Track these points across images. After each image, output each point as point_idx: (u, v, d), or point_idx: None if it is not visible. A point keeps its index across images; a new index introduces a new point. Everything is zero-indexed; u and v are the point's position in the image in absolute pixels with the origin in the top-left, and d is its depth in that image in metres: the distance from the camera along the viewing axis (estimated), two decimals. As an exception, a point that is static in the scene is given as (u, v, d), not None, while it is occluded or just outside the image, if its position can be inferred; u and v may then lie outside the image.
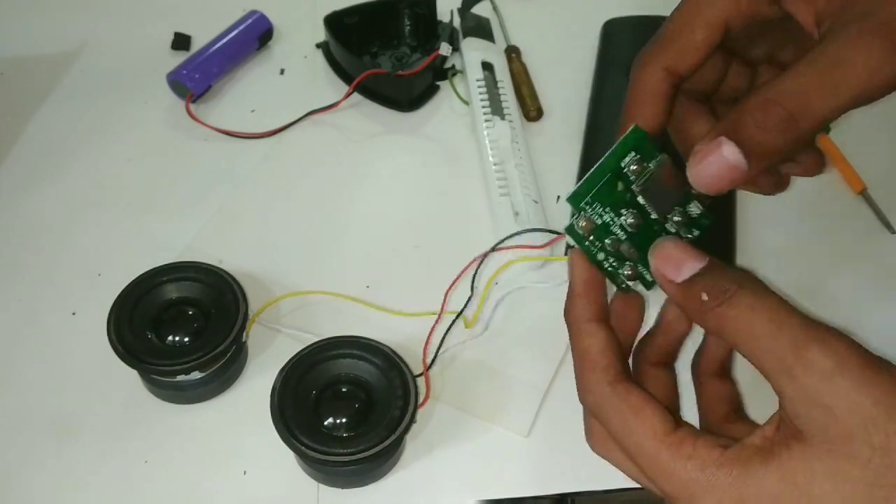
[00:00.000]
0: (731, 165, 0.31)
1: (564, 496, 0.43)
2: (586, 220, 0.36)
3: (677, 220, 0.36)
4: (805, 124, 0.30)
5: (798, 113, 0.30)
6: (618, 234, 0.36)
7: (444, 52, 0.60)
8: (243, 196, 0.55)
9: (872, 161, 0.56)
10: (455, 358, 0.47)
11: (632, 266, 0.36)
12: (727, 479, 0.28)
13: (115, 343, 0.43)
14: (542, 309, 0.49)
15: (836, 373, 0.26)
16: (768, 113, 0.31)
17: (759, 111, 0.31)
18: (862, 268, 0.51)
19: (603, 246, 0.36)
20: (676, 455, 0.29)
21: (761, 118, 0.31)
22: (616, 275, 0.37)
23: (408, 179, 0.57)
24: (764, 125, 0.31)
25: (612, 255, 0.36)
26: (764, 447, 0.28)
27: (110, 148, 0.58)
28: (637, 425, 0.30)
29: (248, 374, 0.47)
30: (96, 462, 0.44)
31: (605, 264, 0.36)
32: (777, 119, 0.31)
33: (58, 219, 0.54)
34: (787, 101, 0.30)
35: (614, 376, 0.32)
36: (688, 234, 0.37)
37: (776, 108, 0.30)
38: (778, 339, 0.27)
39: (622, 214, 0.36)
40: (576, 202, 0.36)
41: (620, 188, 0.36)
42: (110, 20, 0.67)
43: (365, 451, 0.39)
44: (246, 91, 0.62)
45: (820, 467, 0.27)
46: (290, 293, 0.49)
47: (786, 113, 0.30)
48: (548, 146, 0.58)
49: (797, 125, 0.30)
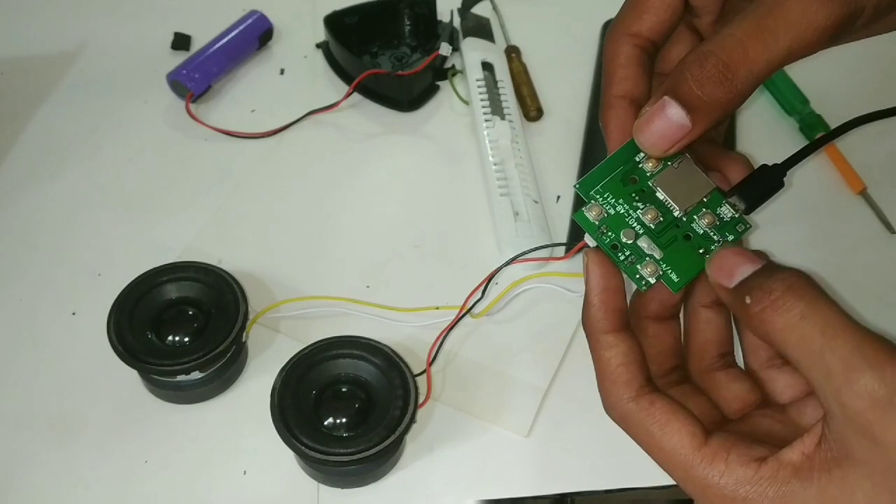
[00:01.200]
0: (676, 124, 0.31)
1: (564, 496, 0.43)
2: (597, 208, 0.35)
3: (706, 221, 0.36)
4: (742, 73, 0.30)
5: (734, 63, 0.30)
6: (634, 227, 0.35)
7: (444, 52, 0.60)
8: (243, 196, 0.55)
9: (872, 161, 0.56)
10: (455, 358, 0.47)
11: (653, 262, 0.35)
12: (763, 501, 0.27)
13: (116, 343, 0.43)
14: (542, 309, 0.49)
15: (890, 405, 0.25)
16: (705, 65, 0.30)
17: (696, 65, 0.31)
18: (862, 268, 0.51)
19: (617, 237, 0.35)
20: (708, 471, 0.28)
21: (698, 72, 0.31)
22: (634, 270, 0.35)
23: (408, 179, 0.57)
24: (701, 78, 0.31)
25: (628, 249, 0.35)
26: (803, 467, 0.27)
27: (110, 148, 0.58)
28: (665, 440, 0.29)
29: (249, 374, 0.47)
30: (96, 462, 0.44)
31: (621, 256, 0.35)
32: (713, 70, 0.30)
33: (58, 219, 0.54)
34: (723, 51, 0.30)
35: (637, 390, 0.30)
36: (721, 236, 0.36)
37: (712, 59, 0.30)
38: (828, 355, 0.25)
39: (638, 208, 0.35)
40: (585, 189, 0.35)
41: (636, 181, 0.36)
42: (110, 20, 0.67)
43: (365, 451, 0.39)
44: (246, 91, 0.62)
45: (861, 498, 0.25)
46: (291, 299, 0.49)
47: (721, 63, 0.30)
48: (548, 146, 0.58)
49: (734, 75, 0.30)
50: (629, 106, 0.36)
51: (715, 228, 0.36)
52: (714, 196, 0.36)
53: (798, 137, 0.58)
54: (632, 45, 0.36)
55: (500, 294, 0.49)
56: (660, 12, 0.36)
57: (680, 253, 0.36)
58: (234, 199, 0.55)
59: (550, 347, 0.47)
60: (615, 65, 0.36)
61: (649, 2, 0.36)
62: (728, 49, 0.30)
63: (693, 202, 0.36)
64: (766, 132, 0.58)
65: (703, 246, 0.36)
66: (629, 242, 0.35)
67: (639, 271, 0.35)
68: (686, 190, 0.35)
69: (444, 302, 0.49)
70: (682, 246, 0.36)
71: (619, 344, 0.31)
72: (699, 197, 0.36)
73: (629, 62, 0.36)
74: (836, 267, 0.51)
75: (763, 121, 0.59)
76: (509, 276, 0.50)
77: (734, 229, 0.36)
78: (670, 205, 0.36)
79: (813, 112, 0.58)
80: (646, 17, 0.36)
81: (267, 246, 0.53)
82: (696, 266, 0.36)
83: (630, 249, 0.35)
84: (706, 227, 0.36)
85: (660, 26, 0.36)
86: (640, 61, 0.36)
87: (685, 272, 0.36)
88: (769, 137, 0.58)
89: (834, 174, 0.55)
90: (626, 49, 0.36)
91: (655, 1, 0.36)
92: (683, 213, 0.36)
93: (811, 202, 0.54)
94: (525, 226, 0.51)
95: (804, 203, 0.54)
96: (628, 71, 0.36)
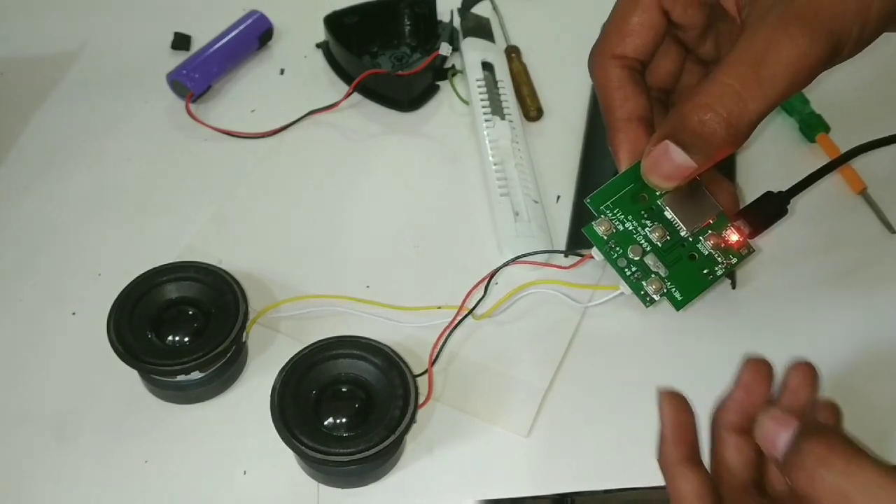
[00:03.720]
0: (682, 165, 0.33)
1: (564, 496, 0.43)
2: (606, 223, 0.36)
3: (711, 243, 0.36)
4: (744, 124, 0.32)
5: (734, 117, 0.31)
6: (641, 244, 0.36)
7: (444, 51, 0.60)
8: (243, 196, 0.55)
9: (873, 161, 0.55)
10: (455, 358, 0.47)
11: (658, 279, 0.36)
12: None
13: (115, 343, 0.43)
14: (542, 310, 0.49)
15: None
16: (704, 119, 0.32)
17: (696, 116, 0.32)
18: (862, 268, 0.51)
19: (624, 252, 0.36)
20: None
21: (697, 124, 0.32)
22: (639, 286, 0.36)
23: (408, 179, 0.57)
24: (702, 132, 0.32)
25: (634, 265, 0.36)
26: None
27: (110, 148, 0.58)
28: None
29: (249, 373, 0.47)
30: (96, 462, 0.44)
31: (627, 272, 0.36)
32: (714, 124, 0.32)
33: (58, 219, 0.54)
34: (722, 106, 0.31)
35: None
36: (725, 260, 0.36)
37: (711, 115, 0.31)
38: None
39: (646, 226, 0.36)
40: (595, 204, 0.36)
41: (645, 199, 0.36)
42: (110, 20, 0.67)
43: (365, 451, 0.39)
44: (246, 91, 0.62)
45: None
46: (291, 298, 0.49)
47: (722, 119, 0.31)
48: (548, 146, 0.58)
49: (736, 125, 0.32)
50: (636, 126, 0.36)
51: (720, 250, 0.36)
52: (720, 219, 0.36)
53: (798, 137, 0.58)
54: (620, 67, 0.37)
55: (502, 298, 0.49)
56: (642, 34, 0.36)
57: (685, 272, 0.36)
58: (235, 199, 0.55)
59: (550, 348, 0.47)
60: (610, 88, 0.37)
61: (630, 25, 0.36)
62: (727, 104, 0.31)
63: (700, 224, 0.36)
64: (767, 132, 0.58)
65: (708, 267, 0.37)
66: (636, 259, 0.36)
67: (644, 287, 0.36)
68: (693, 211, 0.36)
69: (444, 302, 0.49)
70: (687, 265, 0.37)
71: (694, 477, 0.32)
72: (706, 219, 0.36)
73: (623, 83, 0.37)
74: (837, 267, 0.51)
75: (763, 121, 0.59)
76: (511, 281, 0.50)
77: (738, 252, 0.36)
78: (678, 224, 0.36)
79: (813, 112, 0.58)
80: (629, 39, 0.36)
81: (267, 246, 0.53)
82: (700, 286, 0.37)
83: (637, 266, 0.36)
84: (711, 248, 0.36)
85: (644, 47, 0.37)
86: (633, 79, 0.37)
87: (689, 291, 0.37)
88: (769, 137, 0.58)
89: (834, 174, 0.55)
90: (615, 71, 0.37)
91: (637, 24, 0.36)
92: (690, 234, 0.36)
93: (812, 202, 0.54)
94: (525, 226, 0.51)
95: (805, 203, 0.54)
96: (626, 91, 0.37)
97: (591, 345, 0.48)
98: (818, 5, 0.31)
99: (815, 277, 0.51)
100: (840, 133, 0.57)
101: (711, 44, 0.38)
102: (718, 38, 0.38)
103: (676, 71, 0.39)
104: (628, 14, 0.36)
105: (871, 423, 0.45)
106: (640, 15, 0.36)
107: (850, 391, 0.46)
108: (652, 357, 0.47)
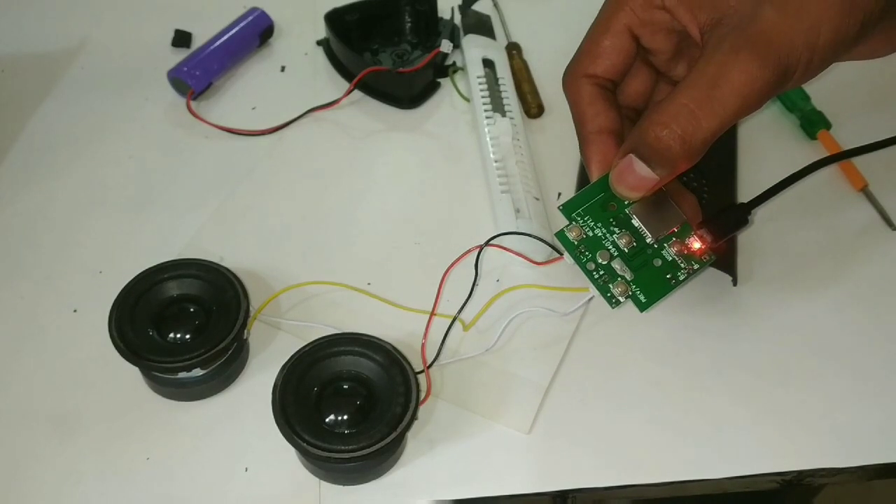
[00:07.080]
0: (645, 178, 0.36)
1: (565, 493, 0.43)
2: (577, 229, 0.37)
3: (675, 250, 0.38)
4: (698, 140, 0.35)
5: (688, 134, 0.35)
6: (609, 250, 0.38)
7: (444, 49, 0.60)
8: (244, 193, 0.55)
9: (874, 158, 0.55)
10: (456, 355, 0.47)
11: (624, 283, 0.38)
12: None
13: (117, 340, 0.43)
14: (543, 309, 0.49)
15: None
16: (661, 136, 0.35)
17: (653, 133, 0.35)
18: (863, 265, 0.51)
19: (593, 257, 0.38)
20: None
21: (655, 140, 0.35)
22: (606, 288, 0.39)
23: (409, 176, 0.57)
24: (659, 147, 0.35)
25: (602, 269, 0.38)
26: None
27: (111, 145, 0.58)
28: None
29: (250, 371, 0.47)
30: (98, 459, 0.44)
31: (595, 275, 0.38)
32: (670, 141, 0.35)
33: (59, 216, 0.54)
34: (678, 123, 0.35)
35: None
36: (688, 266, 0.38)
37: (667, 132, 0.35)
38: None
39: (614, 232, 0.38)
40: (568, 212, 0.38)
41: (614, 208, 0.38)
42: (111, 17, 0.67)
43: (366, 448, 0.39)
44: (247, 88, 0.62)
45: None
46: (290, 286, 0.49)
47: (678, 136, 0.35)
48: (549, 143, 0.58)
49: (690, 143, 0.35)
50: (606, 139, 0.40)
51: (683, 257, 0.39)
52: (684, 227, 0.39)
53: (799, 134, 0.58)
54: (591, 85, 0.40)
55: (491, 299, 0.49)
56: (612, 56, 0.40)
57: (649, 276, 0.39)
58: (236, 196, 0.55)
59: (552, 344, 0.48)
60: (582, 104, 0.40)
61: (602, 48, 0.40)
62: (683, 122, 0.34)
63: (664, 232, 0.39)
64: (768, 129, 0.58)
65: (671, 272, 0.39)
66: (604, 263, 0.38)
67: (610, 290, 0.39)
68: (659, 220, 0.39)
69: (446, 299, 0.49)
70: (651, 270, 0.40)
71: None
72: (671, 227, 0.39)
73: (594, 99, 0.40)
74: (837, 263, 0.51)
75: (764, 118, 0.59)
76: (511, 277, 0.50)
77: (700, 259, 0.39)
78: (644, 232, 0.39)
79: (815, 109, 0.58)
80: (599, 60, 0.40)
81: (268, 243, 0.53)
82: (663, 289, 0.39)
83: (604, 269, 0.38)
84: (675, 255, 0.39)
85: (614, 68, 0.40)
86: (604, 96, 0.40)
87: (652, 294, 0.39)
88: (770, 135, 0.58)
89: (835, 171, 0.55)
90: (587, 89, 0.40)
91: (608, 47, 0.40)
92: (655, 241, 0.39)
93: (812, 199, 0.54)
94: (526, 222, 0.51)
95: (805, 199, 0.54)
96: (597, 107, 0.40)
97: (593, 342, 0.48)
98: (769, 34, 0.34)
99: (815, 274, 0.51)
100: (841, 130, 0.57)
101: (683, 67, 0.41)
102: (690, 62, 0.41)
103: (646, 91, 0.43)
104: (600, 38, 0.40)
105: (871, 419, 0.45)
106: (610, 39, 0.40)
107: (850, 387, 0.46)
108: (654, 354, 0.47)
